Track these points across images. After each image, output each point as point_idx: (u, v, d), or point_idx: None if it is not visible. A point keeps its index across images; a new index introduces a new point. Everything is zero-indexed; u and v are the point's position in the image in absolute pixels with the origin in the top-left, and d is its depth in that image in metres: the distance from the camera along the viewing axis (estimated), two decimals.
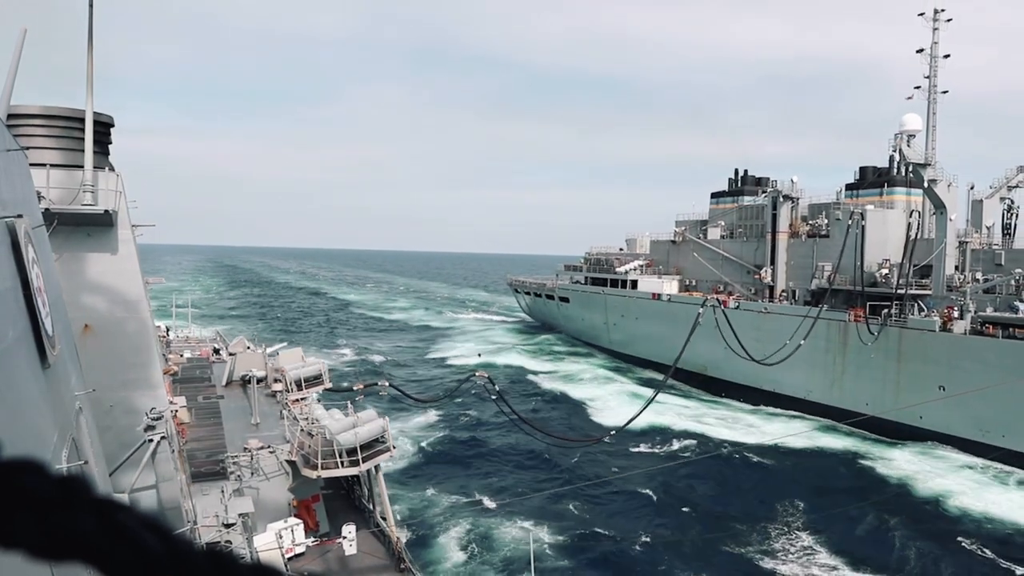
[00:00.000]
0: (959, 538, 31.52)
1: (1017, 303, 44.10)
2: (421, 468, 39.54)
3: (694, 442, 45.42)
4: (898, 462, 42.02)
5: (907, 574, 28.69)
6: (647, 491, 36.32)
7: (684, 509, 34.54)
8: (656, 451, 43.85)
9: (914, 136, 51.38)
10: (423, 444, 43.47)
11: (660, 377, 67.24)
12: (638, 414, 39.40)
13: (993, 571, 28.83)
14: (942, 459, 42.69)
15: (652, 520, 33.15)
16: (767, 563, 29.04)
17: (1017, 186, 54.48)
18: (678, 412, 52.75)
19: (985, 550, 30.39)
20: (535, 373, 67.60)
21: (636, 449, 43.70)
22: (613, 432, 37.34)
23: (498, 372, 65.68)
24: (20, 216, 7.03)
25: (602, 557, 29.38)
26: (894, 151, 50.98)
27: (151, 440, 15.80)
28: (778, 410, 55.52)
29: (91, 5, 14.88)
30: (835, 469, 41.26)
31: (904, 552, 30.19)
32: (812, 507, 34.40)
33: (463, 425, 48.33)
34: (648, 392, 61.68)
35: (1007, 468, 41.04)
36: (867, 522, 33.00)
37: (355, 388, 34.93)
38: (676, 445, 44.95)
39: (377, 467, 23.66)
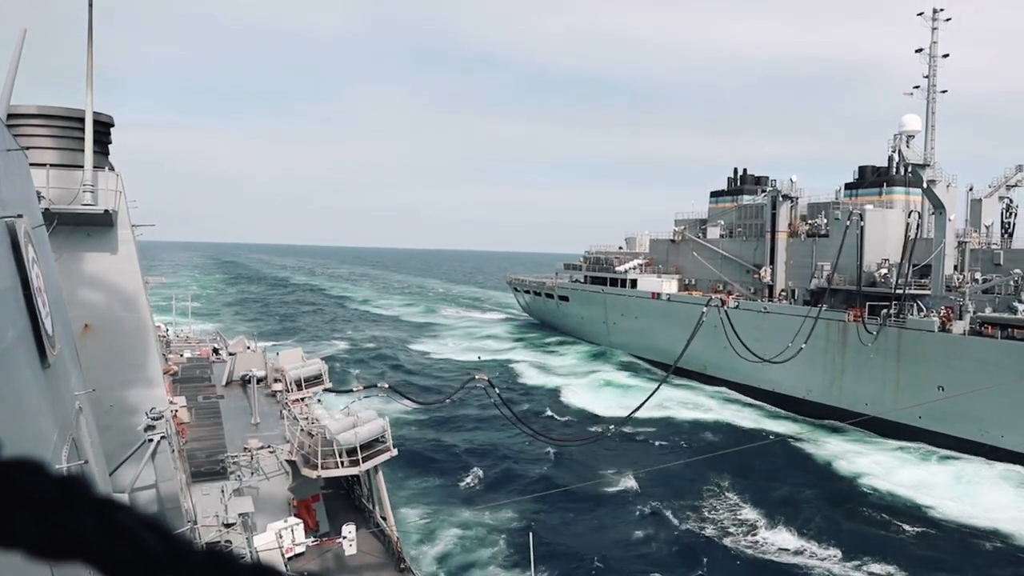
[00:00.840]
0: (862, 508, 35.77)
1: (1016, 303, 44.08)
2: (421, 468, 39.54)
3: (685, 436, 45.48)
4: (830, 445, 45.65)
5: (809, 536, 32.06)
6: (646, 489, 36.32)
7: (684, 507, 34.56)
8: (652, 446, 43.87)
9: (913, 137, 51.36)
10: (423, 445, 43.47)
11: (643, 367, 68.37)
12: (634, 411, 39.51)
13: (882, 532, 33.20)
14: (871, 443, 46.22)
15: (652, 520, 33.15)
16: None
17: (1016, 185, 54.43)
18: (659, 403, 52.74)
19: (880, 517, 34.69)
20: (531, 370, 67.80)
21: (634, 446, 43.70)
22: (612, 428, 37.43)
23: (496, 371, 65.77)
24: (20, 216, 7.03)
25: (602, 557, 29.38)
26: (893, 151, 51.01)
27: (151, 440, 15.81)
28: (737, 395, 57.86)
29: (91, 5, 14.88)
30: (770, 449, 43.61)
31: (811, 519, 33.55)
32: (743, 488, 37.02)
33: (463, 426, 48.34)
34: (625, 377, 62.79)
35: (932, 448, 44.52)
36: (786, 497, 35.92)
37: (355, 389, 34.96)
38: (669, 441, 44.99)
39: (377, 467, 23.66)
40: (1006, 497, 37.07)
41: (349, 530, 21.83)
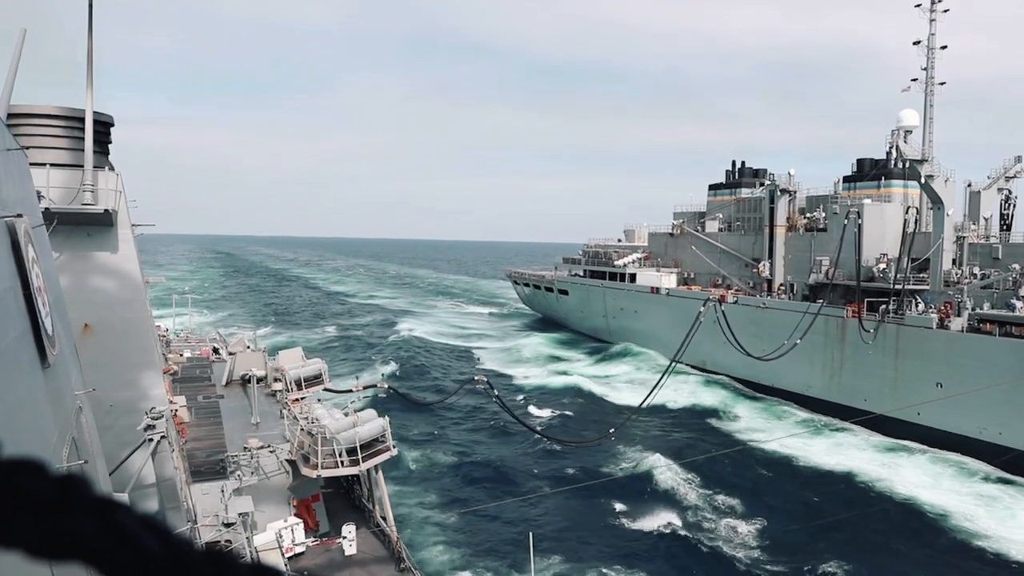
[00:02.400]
0: (756, 465, 40.98)
1: (1014, 300, 44.00)
2: (421, 468, 39.54)
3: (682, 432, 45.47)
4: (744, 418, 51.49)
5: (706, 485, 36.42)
6: (646, 489, 36.32)
7: (682, 503, 34.55)
8: (652, 445, 43.84)
9: (911, 132, 51.25)
10: (423, 445, 43.45)
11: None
12: (634, 412, 39.59)
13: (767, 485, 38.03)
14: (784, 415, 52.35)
15: (652, 519, 33.15)
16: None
17: (1015, 176, 54.22)
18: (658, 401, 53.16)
19: (767, 473, 39.99)
20: (531, 368, 68.04)
21: (634, 445, 43.67)
22: (612, 431, 37.42)
23: (494, 368, 65.87)
24: (20, 216, 7.03)
25: (602, 556, 29.39)
26: (891, 147, 50.85)
27: (151, 439, 15.82)
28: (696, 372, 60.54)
29: (91, 5, 14.89)
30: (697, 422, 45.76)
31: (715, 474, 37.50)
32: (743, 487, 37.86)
33: (463, 426, 48.33)
34: (625, 371, 63.15)
35: (833, 421, 49.24)
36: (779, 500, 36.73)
37: (355, 388, 34.98)
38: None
39: (377, 467, 23.66)
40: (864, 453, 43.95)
41: (349, 530, 21.84)
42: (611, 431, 37.92)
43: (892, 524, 33.64)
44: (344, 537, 21.77)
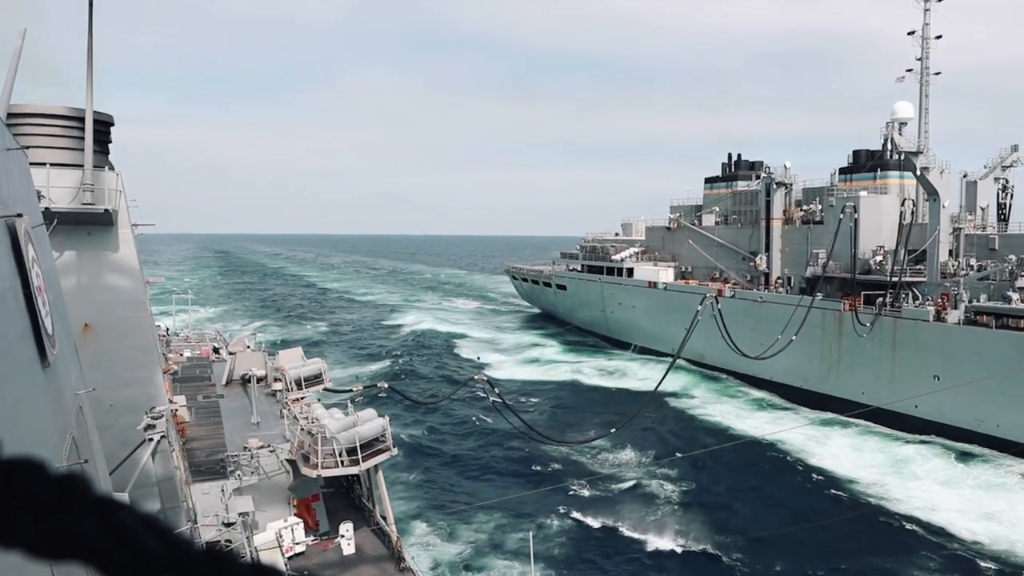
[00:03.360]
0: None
1: (1010, 292, 43.97)
2: (421, 468, 39.54)
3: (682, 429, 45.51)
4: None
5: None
6: (647, 488, 36.32)
7: (680, 501, 34.56)
8: (652, 443, 43.86)
9: (905, 124, 51.20)
10: (423, 444, 43.45)
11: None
12: (637, 413, 39.55)
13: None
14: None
15: (652, 518, 33.14)
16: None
17: (1011, 166, 53.99)
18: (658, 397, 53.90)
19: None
20: (530, 366, 68.27)
21: (635, 443, 43.67)
22: (613, 430, 37.41)
23: (493, 365, 65.88)
24: (20, 215, 7.03)
25: (602, 556, 29.40)
26: (886, 140, 50.68)
27: (151, 439, 15.82)
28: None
29: (91, 6, 14.89)
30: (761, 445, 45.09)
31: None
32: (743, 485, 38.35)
33: (463, 426, 48.31)
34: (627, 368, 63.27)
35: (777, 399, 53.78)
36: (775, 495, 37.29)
37: (355, 388, 34.96)
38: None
39: (377, 466, 23.66)
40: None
41: (347, 528, 21.83)
42: (612, 430, 37.93)
43: (805, 490, 36.99)
44: (342, 535, 21.77)
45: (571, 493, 35.22)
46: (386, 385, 35.82)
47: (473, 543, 30.27)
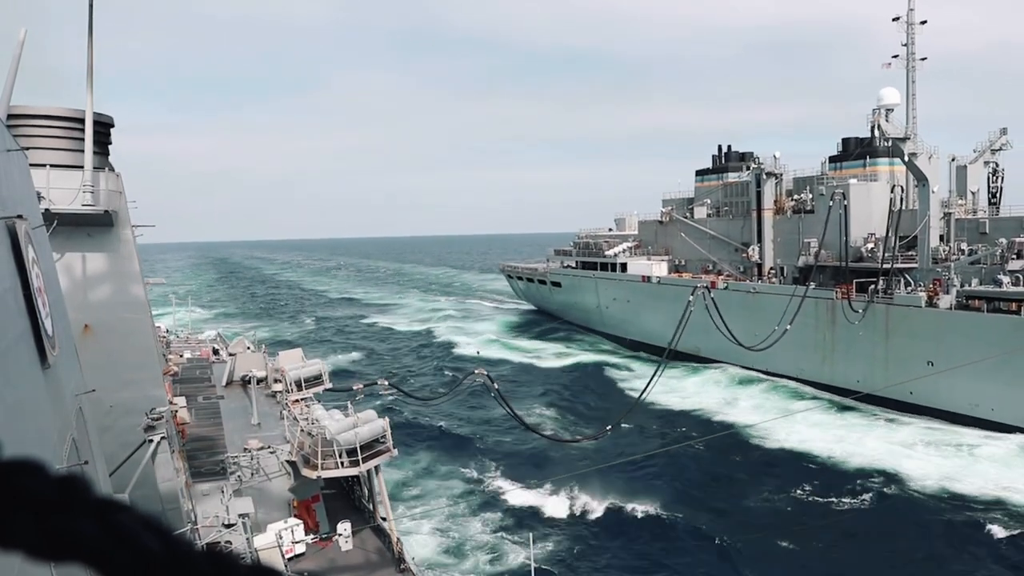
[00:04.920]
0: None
1: (1001, 276, 43.98)
2: (421, 467, 39.54)
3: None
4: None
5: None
6: (647, 486, 36.28)
7: (684, 501, 34.54)
8: (651, 439, 43.84)
9: (892, 110, 51.21)
10: (423, 442, 43.46)
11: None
12: (633, 406, 39.66)
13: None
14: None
15: (651, 517, 33.13)
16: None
17: (1001, 149, 53.89)
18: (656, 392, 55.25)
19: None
20: (522, 357, 68.68)
21: (634, 440, 43.65)
22: (609, 428, 37.46)
23: (495, 364, 65.91)
24: (20, 216, 7.03)
25: (603, 555, 29.37)
26: (873, 126, 50.64)
27: (151, 440, 15.82)
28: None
29: (91, 6, 14.90)
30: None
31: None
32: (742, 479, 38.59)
33: (463, 423, 48.30)
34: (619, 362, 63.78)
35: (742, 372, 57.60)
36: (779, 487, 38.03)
37: (355, 388, 34.98)
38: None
39: (377, 467, 23.66)
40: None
41: (344, 527, 21.81)
42: (608, 428, 37.98)
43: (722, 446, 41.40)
44: (340, 534, 21.76)
45: (572, 490, 35.18)
46: (386, 383, 35.87)
47: (474, 543, 30.26)
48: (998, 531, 30.47)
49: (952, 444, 41.20)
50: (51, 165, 15.54)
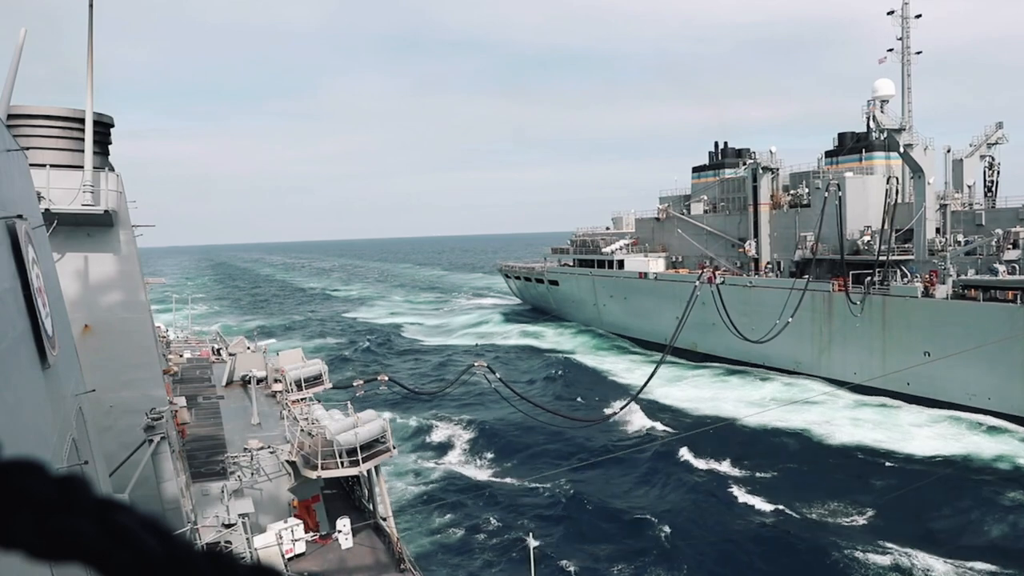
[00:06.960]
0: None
1: (996, 265, 44.07)
2: (422, 467, 39.52)
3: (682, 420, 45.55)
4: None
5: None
6: (647, 485, 36.29)
7: (683, 501, 34.53)
8: (650, 436, 43.87)
9: (887, 101, 51.19)
10: (424, 440, 43.51)
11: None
12: (635, 396, 39.77)
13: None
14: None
15: (652, 515, 33.10)
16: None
17: (997, 143, 53.98)
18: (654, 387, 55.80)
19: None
20: (528, 355, 68.57)
21: (634, 436, 43.66)
22: (613, 414, 37.59)
23: (494, 356, 66.00)
24: (20, 216, 7.03)
25: (603, 555, 29.35)
26: (869, 118, 50.73)
27: (151, 440, 15.82)
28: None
29: (91, 7, 14.90)
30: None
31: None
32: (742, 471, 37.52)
33: (463, 421, 48.27)
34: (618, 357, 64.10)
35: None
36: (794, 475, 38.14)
37: (355, 384, 35.05)
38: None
39: (377, 467, 23.65)
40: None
41: (344, 524, 21.81)
42: (611, 414, 38.21)
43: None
44: (339, 531, 21.75)
45: (573, 488, 35.17)
46: (386, 377, 35.97)
47: (474, 542, 30.26)
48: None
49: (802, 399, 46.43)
50: (51, 165, 15.54)
